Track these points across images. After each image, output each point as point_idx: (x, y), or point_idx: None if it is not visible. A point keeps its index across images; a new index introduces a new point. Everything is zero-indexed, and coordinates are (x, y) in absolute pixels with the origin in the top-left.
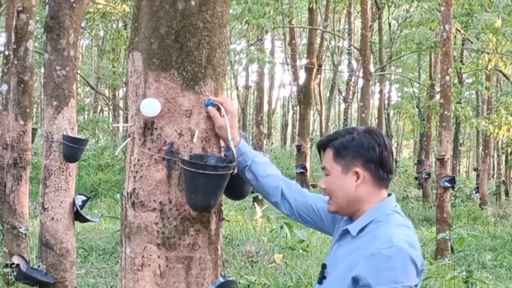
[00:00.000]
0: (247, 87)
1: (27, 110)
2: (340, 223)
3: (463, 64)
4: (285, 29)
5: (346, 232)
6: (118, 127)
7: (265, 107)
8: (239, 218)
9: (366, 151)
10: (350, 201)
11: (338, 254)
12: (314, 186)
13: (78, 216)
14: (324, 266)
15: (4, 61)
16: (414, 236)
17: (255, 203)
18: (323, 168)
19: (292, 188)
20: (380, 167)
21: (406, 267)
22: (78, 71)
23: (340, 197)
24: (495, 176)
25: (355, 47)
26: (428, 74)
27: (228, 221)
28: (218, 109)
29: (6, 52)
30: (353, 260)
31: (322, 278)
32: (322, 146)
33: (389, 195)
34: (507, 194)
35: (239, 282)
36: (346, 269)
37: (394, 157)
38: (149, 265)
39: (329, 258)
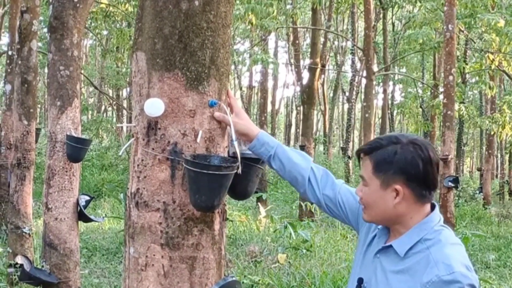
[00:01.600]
0: (250, 87)
1: (31, 110)
2: (372, 225)
3: (466, 64)
4: (289, 29)
5: (388, 247)
6: (121, 127)
7: (269, 107)
8: (243, 218)
9: (409, 167)
10: (387, 216)
11: (378, 269)
12: None
13: (81, 216)
14: (360, 281)
15: (8, 61)
16: (466, 255)
17: (258, 203)
18: (361, 177)
19: (321, 179)
20: (423, 184)
21: None
22: (82, 71)
23: (377, 211)
24: (498, 176)
25: (358, 47)
26: (431, 74)
27: (231, 221)
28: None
29: (10, 52)
30: (405, 285)
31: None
32: (362, 154)
33: (432, 206)
34: (510, 194)
35: (243, 282)
36: None
37: None
38: (152, 265)
39: (364, 271)
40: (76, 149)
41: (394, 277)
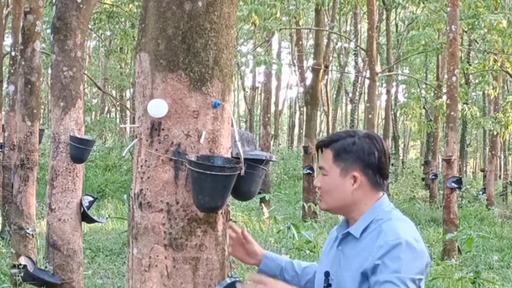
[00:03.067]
0: (254, 88)
1: (34, 111)
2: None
3: (469, 64)
4: (292, 30)
5: (347, 235)
6: (125, 127)
7: (272, 108)
8: (246, 219)
9: (366, 156)
10: (345, 203)
11: (341, 259)
12: None
13: (85, 217)
14: (327, 274)
15: (11, 62)
16: (415, 229)
17: (262, 204)
18: (320, 168)
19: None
20: (378, 173)
21: (412, 260)
22: (85, 72)
23: (335, 198)
24: (502, 177)
25: (361, 48)
26: (435, 74)
27: (235, 221)
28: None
29: (13, 53)
30: (361, 260)
31: (327, 286)
32: (322, 146)
33: (382, 195)
34: None
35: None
36: (356, 270)
37: (401, 157)
38: (156, 265)
39: (330, 265)
40: (79, 150)
41: (354, 259)
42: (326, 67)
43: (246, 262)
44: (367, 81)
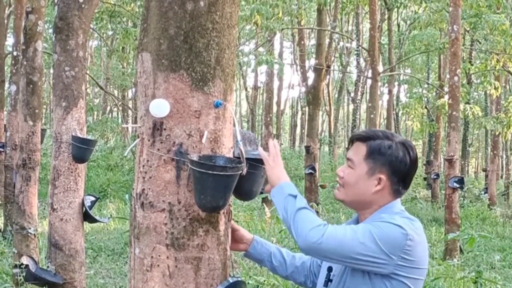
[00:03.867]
0: (256, 88)
1: (36, 111)
2: None
3: (471, 64)
4: (294, 30)
5: None
6: (127, 127)
7: (274, 107)
8: (248, 219)
9: (398, 163)
10: (363, 200)
11: None
12: (322, 186)
13: (87, 217)
14: (330, 269)
15: (13, 62)
16: (420, 228)
17: (264, 203)
18: (348, 159)
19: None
20: (402, 181)
21: (394, 239)
22: (87, 72)
23: (355, 193)
24: (503, 177)
25: (363, 48)
26: (437, 74)
27: (237, 221)
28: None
29: (15, 53)
30: None
31: (328, 281)
32: (358, 140)
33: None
34: None
35: (248, 283)
36: None
37: None
38: (158, 265)
39: None
40: (81, 150)
41: None
42: (328, 67)
43: (236, 249)
44: (369, 81)
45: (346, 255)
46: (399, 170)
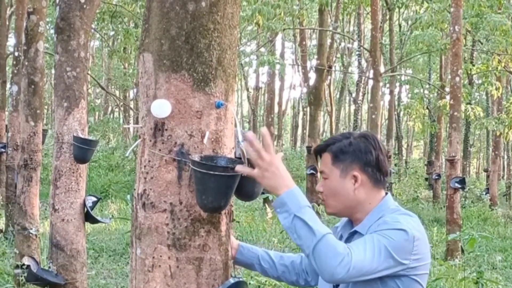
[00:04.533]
0: (257, 88)
1: (38, 111)
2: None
3: (473, 65)
4: (296, 30)
5: (353, 234)
6: (128, 128)
7: (275, 108)
8: (250, 219)
9: (363, 155)
10: (349, 203)
11: None
12: None
13: (88, 217)
14: None
15: (14, 63)
16: (420, 225)
17: (265, 204)
18: (321, 172)
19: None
20: (377, 170)
21: (404, 246)
22: (89, 72)
23: (339, 200)
24: (505, 177)
25: (365, 48)
26: (438, 75)
27: (238, 222)
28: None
29: (16, 54)
30: None
31: (336, 286)
32: (319, 151)
33: (385, 194)
34: None
35: (250, 283)
36: None
37: (404, 158)
38: (159, 266)
39: None
40: (83, 150)
41: None
42: (330, 67)
43: None
44: (370, 82)
45: (368, 276)
46: (368, 161)
